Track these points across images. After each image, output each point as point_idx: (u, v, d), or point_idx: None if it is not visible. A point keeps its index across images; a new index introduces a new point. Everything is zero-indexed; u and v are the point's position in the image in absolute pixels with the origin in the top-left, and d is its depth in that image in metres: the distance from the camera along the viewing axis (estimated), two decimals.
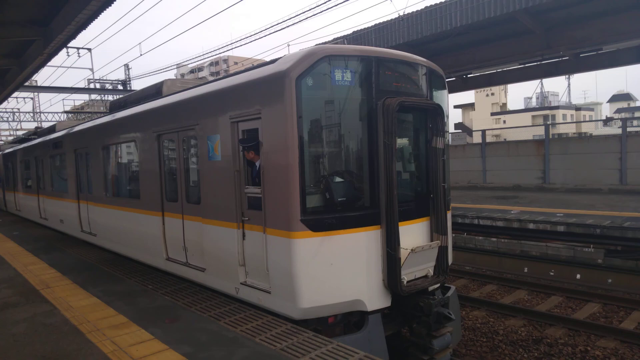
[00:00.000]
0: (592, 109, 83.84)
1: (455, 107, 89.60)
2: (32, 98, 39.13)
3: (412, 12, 15.42)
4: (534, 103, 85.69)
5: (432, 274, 5.56)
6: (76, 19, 9.67)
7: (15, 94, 27.28)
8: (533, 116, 74.91)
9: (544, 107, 78.90)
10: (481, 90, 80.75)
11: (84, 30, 10.60)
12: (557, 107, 77.33)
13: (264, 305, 5.40)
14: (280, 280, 5.02)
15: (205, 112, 6.16)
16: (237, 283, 5.64)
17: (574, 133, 53.48)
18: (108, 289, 6.62)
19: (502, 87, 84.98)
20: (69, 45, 13.40)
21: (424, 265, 5.48)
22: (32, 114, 36.96)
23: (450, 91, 21.87)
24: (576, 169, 17.78)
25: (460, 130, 31.45)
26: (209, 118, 6.02)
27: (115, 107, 9.77)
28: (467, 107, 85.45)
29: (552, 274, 10.74)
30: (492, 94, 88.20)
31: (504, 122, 79.31)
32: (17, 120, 36.57)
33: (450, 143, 25.58)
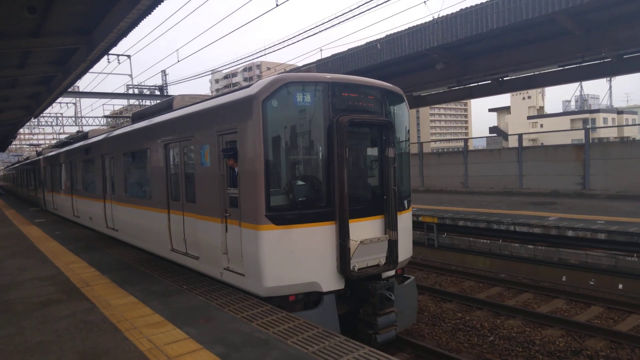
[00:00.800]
0: (635, 112, 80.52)
1: (490, 110, 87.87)
2: (74, 103, 40.71)
3: (447, 14, 15.21)
4: (572, 106, 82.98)
5: (383, 263, 6.49)
6: (117, 27, 10.01)
7: (59, 100, 28.50)
8: (572, 120, 72.58)
9: (583, 110, 76.28)
10: (517, 93, 78.92)
11: (124, 38, 10.97)
12: (597, 111, 74.61)
13: (239, 286, 6.42)
14: (251, 265, 6.03)
15: (199, 126, 7.31)
16: (222, 268, 6.71)
17: (615, 137, 51.45)
18: (145, 289, 6.81)
19: (539, 90, 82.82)
20: (109, 52, 13.90)
21: (374, 255, 6.40)
22: (74, 119, 38.48)
23: (486, 94, 21.48)
24: (618, 175, 17.06)
25: (495, 134, 30.72)
26: (202, 131, 7.16)
27: (136, 118, 11.03)
28: (502, 110, 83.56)
29: (592, 283, 10.34)
30: (529, 97, 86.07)
31: (541, 126, 77.15)
32: (60, 124, 38.17)
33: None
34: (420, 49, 16.19)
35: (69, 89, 19.38)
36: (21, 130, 39.38)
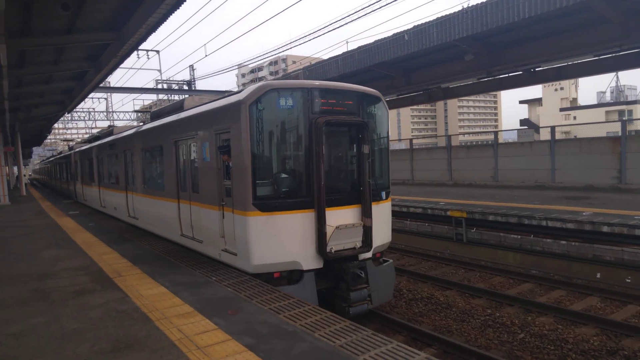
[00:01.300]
0: None
1: (521, 102, 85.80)
2: (105, 98, 41.82)
3: (477, 3, 14.83)
4: (608, 98, 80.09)
5: (359, 246, 7.26)
6: (147, 22, 10.17)
7: (91, 95, 29.25)
8: (607, 112, 70.14)
9: (619, 102, 73.49)
10: (549, 84, 76.68)
11: (153, 34, 11.14)
12: (634, 102, 71.78)
13: (233, 264, 7.34)
14: (241, 246, 6.93)
15: (201, 126, 8.27)
16: (220, 250, 7.67)
17: None
18: (175, 280, 6.93)
19: (572, 81, 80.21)
20: (139, 47, 14.16)
21: (350, 239, 7.18)
22: (105, 113, 39.49)
23: (516, 86, 20.88)
24: None
25: (526, 127, 29.93)
26: (203, 130, 8.13)
27: (153, 116, 12.05)
28: (533, 102, 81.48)
29: (628, 280, 9.99)
30: (561, 88, 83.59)
31: (574, 118, 74.83)
32: (92, 119, 39.24)
33: (508, 140, 24.45)
34: (449, 40, 15.84)
35: (101, 84, 19.86)
36: (55, 125, 40.65)
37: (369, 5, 16.16)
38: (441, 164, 24.37)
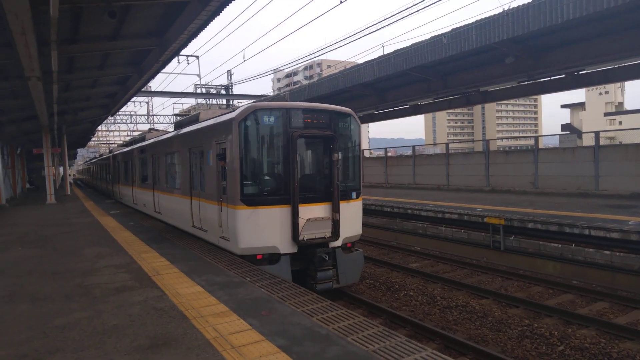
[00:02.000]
0: None
1: (563, 106, 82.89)
2: (146, 102, 43.12)
3: (518, 5, 14.46)
4: None
5: (328, 236, 8.88)
6: (188, 28, 10.46)
7: (133, 99, 30.28)
8: None
9: None
10: (593, 88, 73.80)
11: (194, 39, 11.44)
12: None
13: (227, 248, 8.97)
14: (232, 233, 8.61)
15: (206, 137, 10.06)
16: (218, 237, 9.38)
17: None
18: (210, 279, 7.07)
19: (618, 84, 76.96)
20: (180, 53, 14.55)
21: (320, 230, 8.81)
22: (146, 117, 40.77)
23: (559, 89, 20.24)
24: None
25: (568, 132, 28.88)
26: (208, 140, 9.88)
27: (177, 126, 14.25)
28: (576, 106, 78.66)
29: None
30: (606, 92, 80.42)
31: (620, 123, 71.70)
32: (134, 122, 40.59)
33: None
34: (489, 42, 15.51)
35: (143, 89, 20.55)
36: (99, 127, 42.26)
37: (406, 9, 16.05)
38: (478, 170, 23.83)
